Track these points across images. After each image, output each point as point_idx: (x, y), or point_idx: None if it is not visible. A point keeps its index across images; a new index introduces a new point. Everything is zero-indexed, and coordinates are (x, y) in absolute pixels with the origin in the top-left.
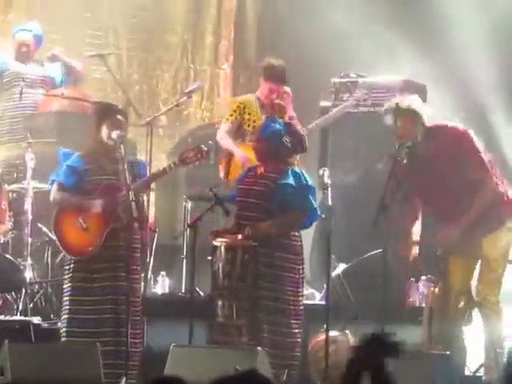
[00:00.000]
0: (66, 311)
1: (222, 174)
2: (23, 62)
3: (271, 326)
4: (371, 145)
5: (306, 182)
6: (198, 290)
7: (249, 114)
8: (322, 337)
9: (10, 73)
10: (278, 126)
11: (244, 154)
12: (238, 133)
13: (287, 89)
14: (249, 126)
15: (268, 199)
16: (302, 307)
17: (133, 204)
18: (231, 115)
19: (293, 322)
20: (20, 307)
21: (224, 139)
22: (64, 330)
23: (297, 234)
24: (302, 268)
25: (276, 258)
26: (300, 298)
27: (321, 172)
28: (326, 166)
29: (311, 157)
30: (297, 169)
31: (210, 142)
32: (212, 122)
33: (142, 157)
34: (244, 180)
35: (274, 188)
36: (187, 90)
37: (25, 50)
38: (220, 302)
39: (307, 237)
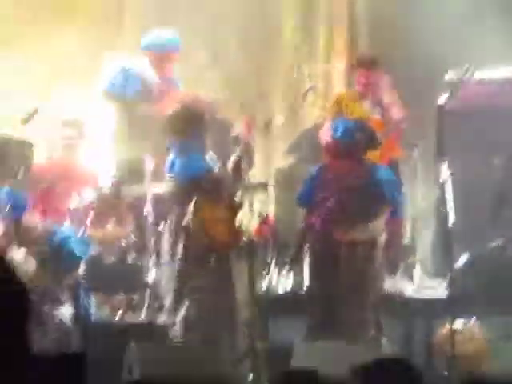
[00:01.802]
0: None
1: None
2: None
3: None
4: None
5: (389, 176)
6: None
7: (346, 106)
8: (447, 328)
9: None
10: (349, 124)
11: None
12: None
13: (386, 76)
14: None
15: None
16: None
17: None
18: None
19: None
20: (145, 307)
21: None
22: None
23: None
24: None
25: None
26: None
27: (439, 164)
28: (443, 157)
29: (428, 148)
30: (378, 165)
31: None
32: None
33: (259, 156)
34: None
35: (359, 184)
36: (302, 90)
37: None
38: None
39: (429, 231)
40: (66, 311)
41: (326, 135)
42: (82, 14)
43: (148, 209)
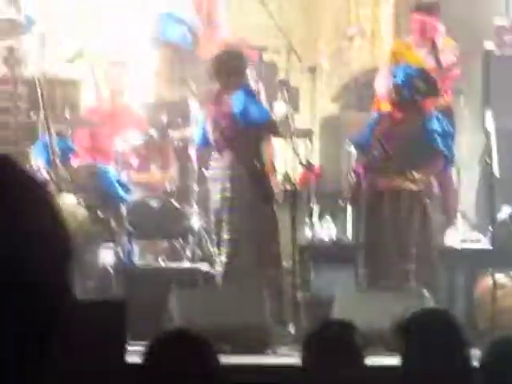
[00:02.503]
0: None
1: None
2: None
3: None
4: None
5: (442, 126)
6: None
7: (401, 54)
8: (489, 282)
9: None
10: (411, 71)
11: None
12: None
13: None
14: None
15: (408, 145)
16: None
17: None
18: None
19: None
20: (188, 254)
21: None
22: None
23: None
24: None
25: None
26: None
27: (484, 112)
28: (488, 107)
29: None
30: (436, 113)
31: None
32: (374, 67)
33: (305, 103)
34: (378, 126)
35: (412, 133)
36: (349, 34)
37: None
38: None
39: (473, 181)
40: (108, 257)
41: (384, 82)
42: None
43: (193, 153)
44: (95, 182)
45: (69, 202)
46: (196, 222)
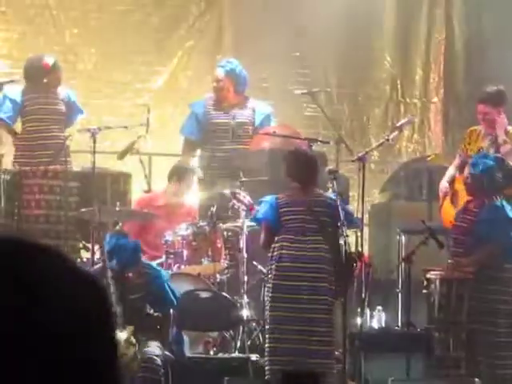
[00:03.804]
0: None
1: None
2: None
3: (488, 359)
4: None
5: (506, 215)
6: (413, 323)
7: (468, 143)
8: None
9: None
10: (490, 162)
11: None
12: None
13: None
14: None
15: (468, 234)
16: None
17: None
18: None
19: (504, 354)
20: (238, 344)
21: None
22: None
23: (509, 265)
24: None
25: (490, 292)
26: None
27: None
28: None
29: None
30: (498, 202)
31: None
32: (424, 156)
33: (354, 192)
34: (459, 215)
35: (474, 223)
36: (398, 124)
37: (215, 85)
38: (437, 335)
39: None
40: (157, 349)
41: (453, 171)
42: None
43: (243, 244)
44: (147, 288)
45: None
46: (246, 313)
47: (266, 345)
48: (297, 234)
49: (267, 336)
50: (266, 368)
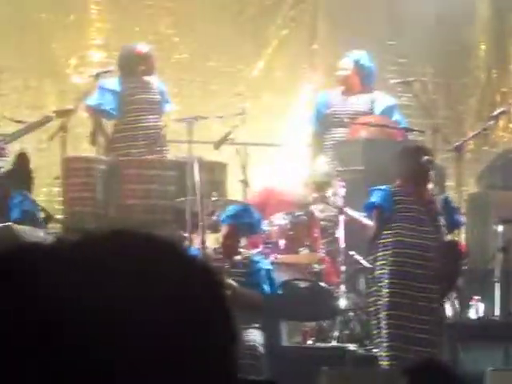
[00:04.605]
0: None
1: None
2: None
3: None
4: None
5: None
6: None
7: None
8: None
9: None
10: None
11: None
12: None
13: None
14: None
15: None
16: None
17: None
18: None
19: None
20: (336, 334)
21: None
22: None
23: None
24: None
25: None
26: None
27: None
28: None
29: None
30: None
31: None
32: None
33: (450, 182)
34: None
35: None
36: (494, 114)
37: (340, 73)
38: None
39: None
40: (258, 337)
41: None
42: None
43: (340, 234)
44: (249, 271)
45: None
46: (344, 302)
47: (384, 330)
48: (411, 223)
49: (384, 322)
50: (384, 354)
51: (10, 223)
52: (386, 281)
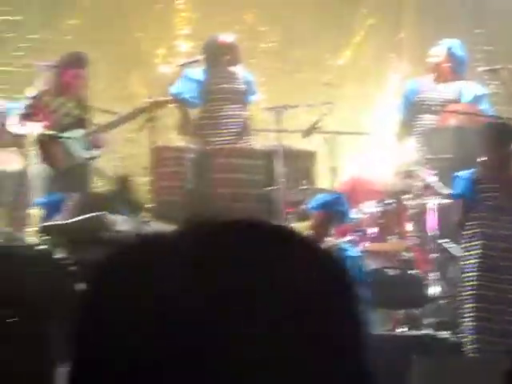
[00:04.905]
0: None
1: None
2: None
3: None
4: None
5: None
6: None
7: None
8: None
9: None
10: None
11: None
12: None
13: None
14: None
15: None
16: None
17: None
18: None
19: None
20: (428, 321)
21: None
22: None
23: None
24: None
25: None
26: None
27: None
28: None
29: None
30: None
31: None
32: None
33: None
34: None
35: None
36: None
37: (432, 60)
38: None
39: None
40: None
41: None
42: None
43: (430, 222)
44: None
45: None
46: (434, 290)
47: (470, 323)
48: (495, 212)
49: (472, 314)
50: (469, 346)
51: (103, 212)
52: (474, 273)
